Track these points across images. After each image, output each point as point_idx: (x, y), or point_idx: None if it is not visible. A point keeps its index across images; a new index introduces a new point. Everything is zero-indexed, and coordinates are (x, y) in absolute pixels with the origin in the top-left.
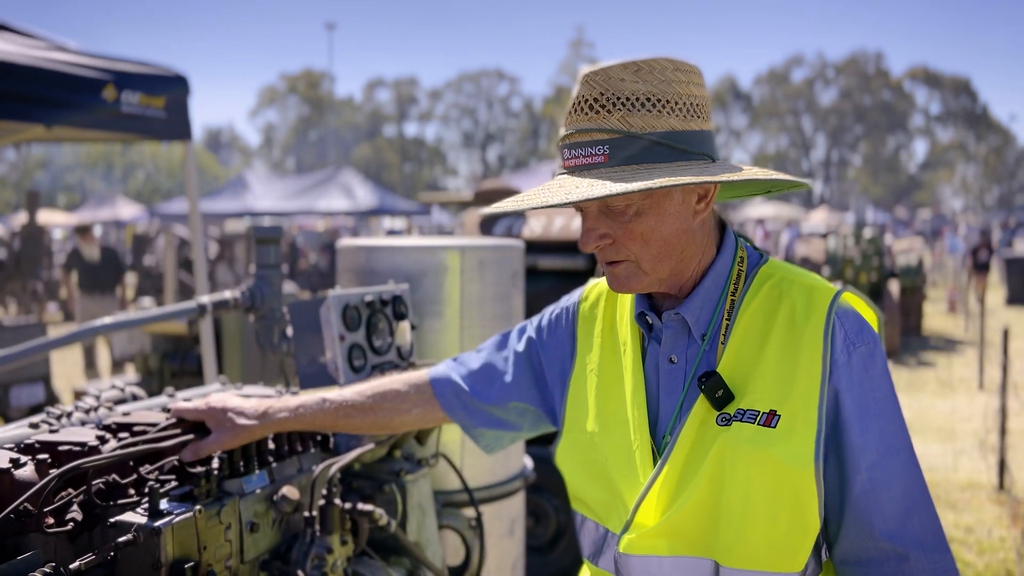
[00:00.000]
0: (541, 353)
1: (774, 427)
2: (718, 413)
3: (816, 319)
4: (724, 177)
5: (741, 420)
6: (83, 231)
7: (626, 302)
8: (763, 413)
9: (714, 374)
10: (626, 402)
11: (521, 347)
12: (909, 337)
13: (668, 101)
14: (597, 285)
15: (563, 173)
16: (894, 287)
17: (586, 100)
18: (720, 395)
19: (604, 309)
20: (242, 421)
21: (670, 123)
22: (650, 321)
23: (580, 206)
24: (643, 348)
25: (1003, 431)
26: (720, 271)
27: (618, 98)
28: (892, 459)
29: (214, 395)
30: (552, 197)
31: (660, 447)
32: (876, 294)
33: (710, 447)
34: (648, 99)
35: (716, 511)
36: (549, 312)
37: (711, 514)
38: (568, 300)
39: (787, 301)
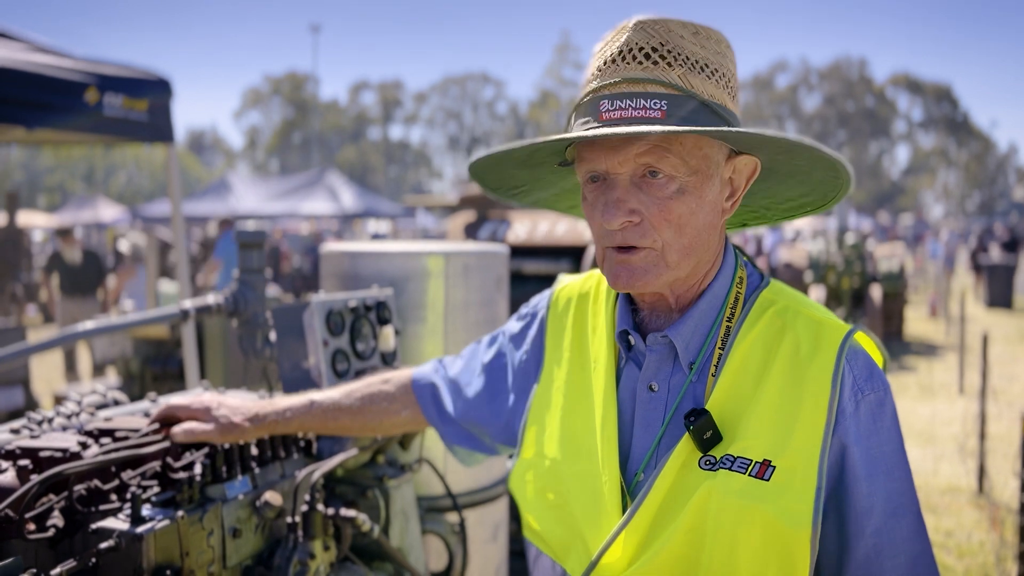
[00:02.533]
0: (507, 366)
1: (767, 480)
2: (702, 455)
3: (824, 359)
4: (808, 140)
5: (730, 468)
6: (64, 234)
7: (600, 311)
8: (756, 463)
9: (704, 413)
10: (595, 430)
11: (487, 358)
12: (891, 342)
13: (723, 75)
14: (565, 288)
15: (595, 127)
16: (876, 292)
17: (640, 48)
18: (709, 436)
19: (574, 318)
20: (236, 419)
21: (723, 97)
22: (632, 342)
23: (608, 173)
24: (618, 368)
25: (982, 435)
26: (717, 292)
27: (679, 54)
28: (899, 522)
29: (205, 395)
30: (606, 131)
31: (630, 486)
32: (858, 299)
33: (691, 494)
34: (707, 65)
35: (694, 568)
36: (516, 318)
37: (687, 571)
38: (536, 305)
39: (791, 334)
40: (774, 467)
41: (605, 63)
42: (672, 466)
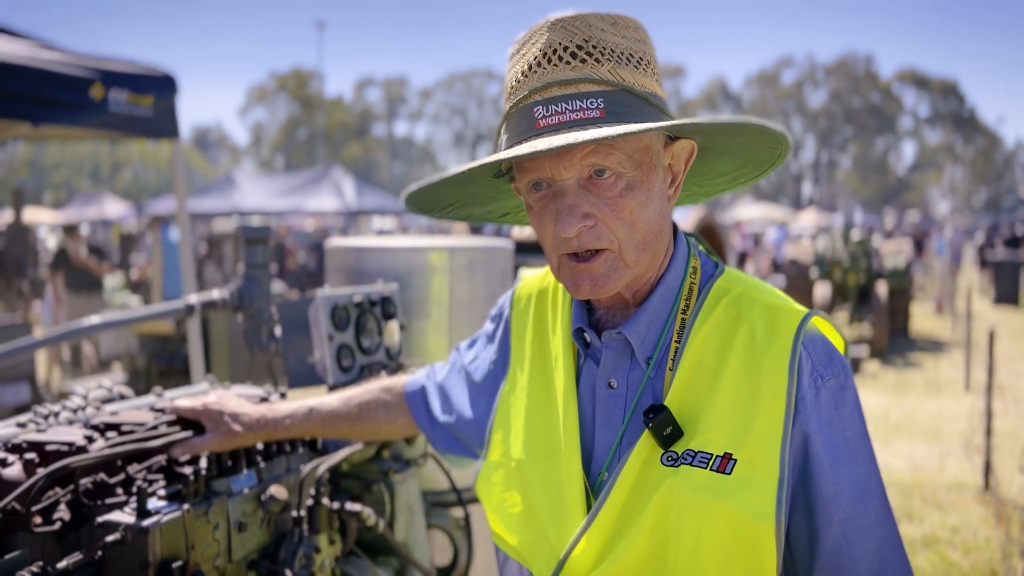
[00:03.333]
0: (480, 368)
1: (729, 473)
2: (664, 451)
3: (780, 346)
4: (758, 121)
5: (691, 464)
6: (70, 231)
7: (558, 309)
8: (717, 456)
9: (663, 409)
10: (558, 429)
11: (466, 361)
12: (896, 338)
13: (648, 62)
14: (526, 285)
15: (533, 136)
16: (882, 288)
17: (565, 48)
18: (669, 432)
19: (534, 316)
20: (236, 427)
21: (651, 84)
22: (588, 339)
23: (554, 180)
24: (578, 366)
25: (989, 432)
26: (670, 285)
27: (604, 48)
28: (866, 507)
29: (212, 395)
30: (542, 145)
31: (594, 485)
32: (864, 295)
33: (654, 491)
34: (632, 55)
35: (660, 567)
36: (489, 319)
37: (653, 570)
38: (501, 305)
39: (746, 323)
40: (735, 460)
41: (530, 67)
42: (634, 464)
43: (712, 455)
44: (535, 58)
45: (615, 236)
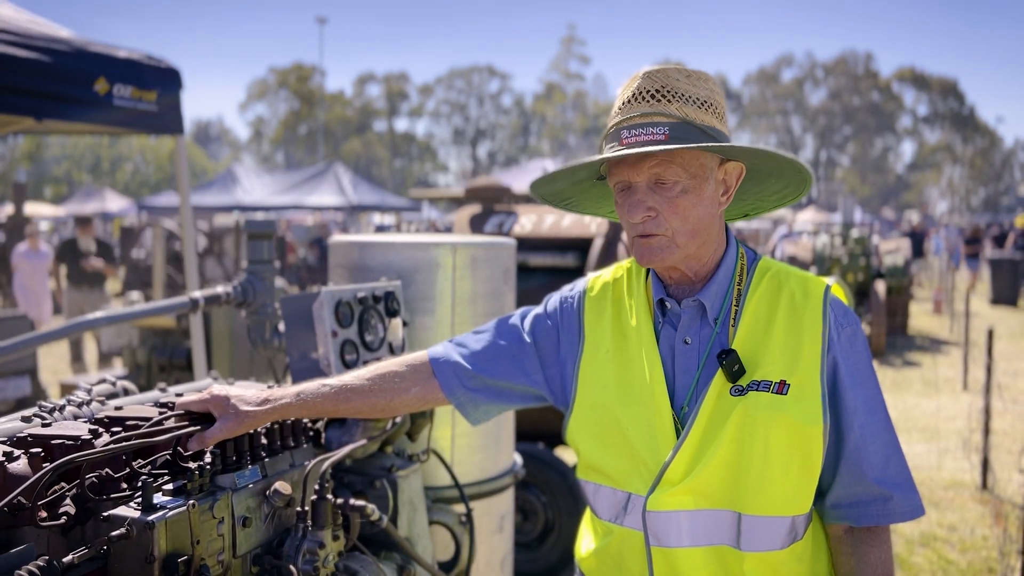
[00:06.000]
0: (550, 336)
1: (786, 394)
2: (732, 385)
3: (814, 303)
4: (768, 148)
5: (756, 389)
6: (83, 223)
7: (633, 293)
8: (775, 383)
9: (731, 352)
10: (646, 380)
11: (527, 330)
12: (895, 337)
13: (712, 105)
14: (599, 278)
15: (619, 151)
16: (880, 287)
17: (647, 91)
18: (736, 369)
19: (613, 299)
20: (246, 408)
21: (712, 120)
22: (668, 306)
23: (631, 182)
24: (656, 331)
25: (987, 431)
26: (728, 265)
27: (676, 92)
28: (874, 418)
29: (214, 386)
30: (626, 151)
31: (679, 417)
32: (863, 294)
33: (729, 414)
34: (698, 99)
35: (737, 468)
36: (555, 299)
37: (733, 471)
38: (573, 289)
39: (787, 289)
40: (789, 384)
41: (625, 102)
42: (711, 396)
43: (772, 382)
44: (629, 97)
45: (670, 225)
